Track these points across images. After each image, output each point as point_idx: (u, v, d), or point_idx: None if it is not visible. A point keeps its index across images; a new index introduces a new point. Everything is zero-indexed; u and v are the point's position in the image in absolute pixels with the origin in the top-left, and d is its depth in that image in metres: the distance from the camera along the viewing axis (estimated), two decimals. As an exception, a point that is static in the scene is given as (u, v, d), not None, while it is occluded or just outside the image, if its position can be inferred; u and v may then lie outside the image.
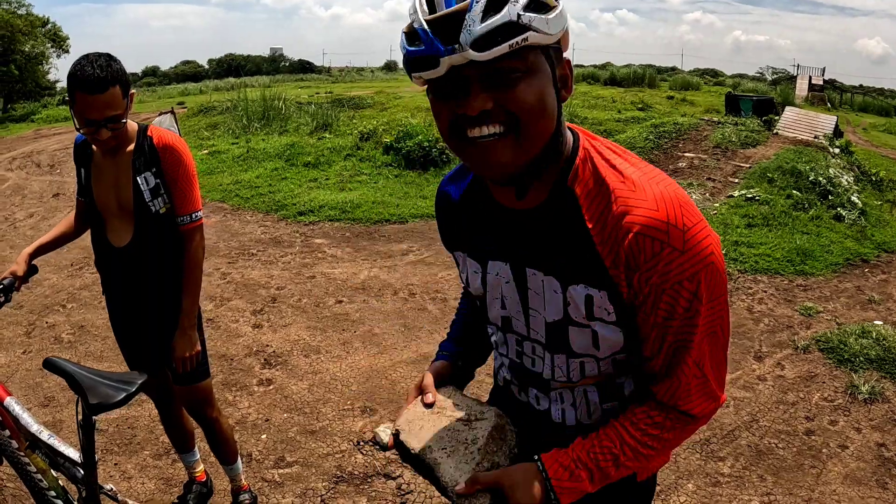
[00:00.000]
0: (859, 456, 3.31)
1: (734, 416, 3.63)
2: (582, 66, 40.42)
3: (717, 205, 7.81)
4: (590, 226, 1.04)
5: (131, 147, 2.24)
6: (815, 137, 10.62)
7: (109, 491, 2.17)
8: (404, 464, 1.29)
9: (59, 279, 5.77)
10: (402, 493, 2.95)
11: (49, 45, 31.92)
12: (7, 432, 2.18)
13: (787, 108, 12.65)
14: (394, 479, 3.04)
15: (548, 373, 1.20)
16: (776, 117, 11.97)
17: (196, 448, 2.88)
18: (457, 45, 0.92)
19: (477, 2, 0.92)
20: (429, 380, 1.31)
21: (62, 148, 13.95)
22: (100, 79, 1.99)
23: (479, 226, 1.21)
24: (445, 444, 1.15)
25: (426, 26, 0.95)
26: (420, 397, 1.28)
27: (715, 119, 12.57)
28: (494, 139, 0.97)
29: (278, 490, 2.99)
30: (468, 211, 1.23)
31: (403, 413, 1.26)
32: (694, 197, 8.26)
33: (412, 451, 1.19)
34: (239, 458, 2.81)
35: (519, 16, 0.91)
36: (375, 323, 4.79)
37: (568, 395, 1.22)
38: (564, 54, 1.04)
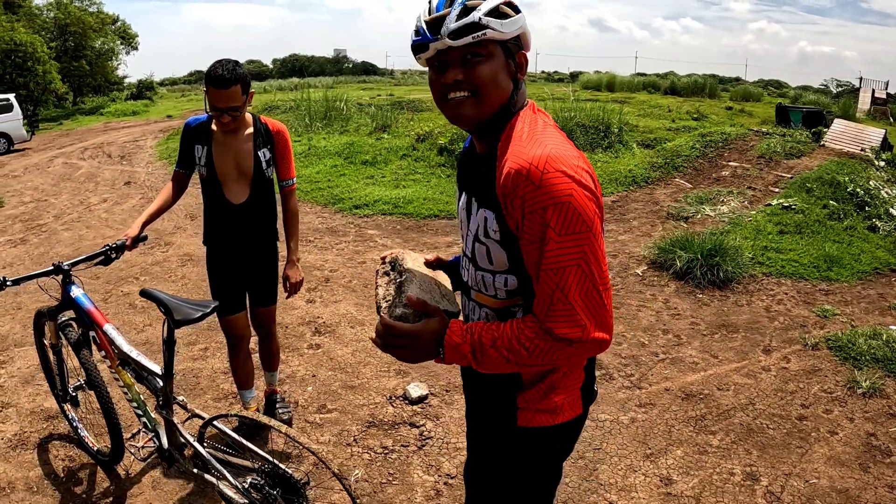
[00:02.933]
0: (847, 442, 3.48)
1: (732, 398, 3.91)
2: (644, 74, 39.97)
3: (754, 213, 7.90)
4: (497, 167, 1.41)
5: (250, 130, 3.02)
6: (862, 150, 10.52)
7: (181, 401, 2.63)
8: (382, 274, 1.61)
9: (130, 255, 6.39)
10: (423, 438, 3.42)
11: (119, 41, 33.33)
12: (102, 353, 2.81)
13: (836, 121, 12.44)
14: (417, 427, 3.52)
15: (470, 282, 1.61)
16: (825, 129, 11.87)
17: (254, 388, 3.45)
18: (439, 36, 1.38)
19: (455, 10, 1.38)
20: (439, 257, 1.77)
21: (131, 140, 14.85)
22: (225, 79, 2.73)
23: (464, 167, 1.65)
24: (424, 284, 1.55)
25: (424, 25, 1.41)
26: (428, 255, 1.74)
27: (763, 130, 12.50)
28: (462, 99, 1.42)
29: (318, 430, 3.51)
30: (463, 158, 1.68)
31: (413, 253, 1.69)
32: (732, 204, 8.33)
33: (401, 265, 1.59)
34: (278, 370, 3.58)
35: (480, 19, 1.36)
36: (415, 303, 5.24)
37: (478, 311, 1.61)
38: (526, 52, 1.47)
